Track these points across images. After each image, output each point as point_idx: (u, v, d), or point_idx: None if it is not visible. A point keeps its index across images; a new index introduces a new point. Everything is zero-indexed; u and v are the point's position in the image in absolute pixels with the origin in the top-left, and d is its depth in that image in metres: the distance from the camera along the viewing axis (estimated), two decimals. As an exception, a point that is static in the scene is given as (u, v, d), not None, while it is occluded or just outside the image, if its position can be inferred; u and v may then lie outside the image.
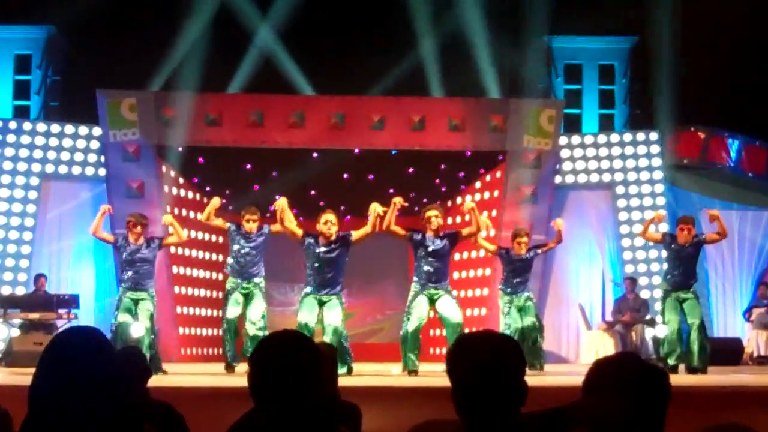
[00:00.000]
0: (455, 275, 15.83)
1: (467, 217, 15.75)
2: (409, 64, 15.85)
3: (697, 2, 16.01)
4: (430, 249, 10.24)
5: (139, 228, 10.81)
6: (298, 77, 15.84)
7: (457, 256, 15.82)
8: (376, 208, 10.14)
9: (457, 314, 10.11)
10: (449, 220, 16.05)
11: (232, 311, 10.66)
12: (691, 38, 16.51)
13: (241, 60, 15.87)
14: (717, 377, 9.98)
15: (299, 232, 10.24)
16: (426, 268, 10.24)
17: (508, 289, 11.76)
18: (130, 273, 10.84)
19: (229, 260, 10.84)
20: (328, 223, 10.14)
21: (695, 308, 10.84)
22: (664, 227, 13.15)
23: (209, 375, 10.15)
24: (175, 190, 15.32)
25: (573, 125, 17.47)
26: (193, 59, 15.24)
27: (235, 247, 10.71)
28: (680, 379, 9.47)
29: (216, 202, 10.98)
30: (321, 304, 10.16)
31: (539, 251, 12.11)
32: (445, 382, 2.84)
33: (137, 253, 10.80)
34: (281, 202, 10.17)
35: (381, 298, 16.89)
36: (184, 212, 15.47)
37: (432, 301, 10.26)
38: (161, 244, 11.12)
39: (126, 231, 10.98)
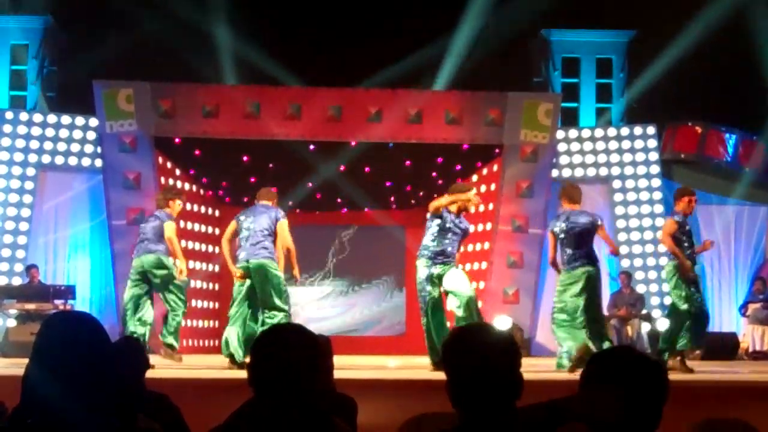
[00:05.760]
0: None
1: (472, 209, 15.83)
2: (403, 57, 15.94)
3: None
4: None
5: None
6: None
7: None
8: None
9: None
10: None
11: None
12: (688, 32, 16.51)
13: (238, 51, 15.89)
14: (713, 372, 9.99)
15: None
16: None
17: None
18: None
19: None
20: None
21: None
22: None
23: (206, 367, 10.16)
24: (171, 182, 15.30)
25: (570, 119, 17.46)
26: (190, 51, 15.25)
27: None
28: (676, 373, 9.48)
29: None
30: None
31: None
32: (440, 374, 2.84)
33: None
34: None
35: (378, 290, 16.91)
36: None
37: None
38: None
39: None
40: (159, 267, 10.19)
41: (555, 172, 15.71)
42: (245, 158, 15.06)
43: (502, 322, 13.77)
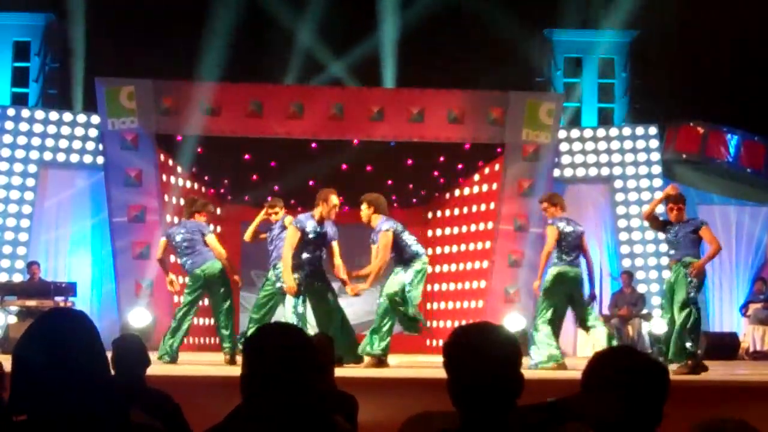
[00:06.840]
0: (453, 267, 15.85)
1: (465, 209, 15.83)
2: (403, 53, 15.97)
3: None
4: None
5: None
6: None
7: (454, 248, 15.84)
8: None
9: None
10: (447, 212, 16.06)
11: None
12: (691, 32, 16.50)
13: (234, 48, 15.90)
14: (713, 372, 9.98)
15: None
16: None
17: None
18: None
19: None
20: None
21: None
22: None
23: (207, 364, 10.16)
24: (173, 180, 15.30)
25: (572, 119, 17.46)
26: (191, 48, 15.25)
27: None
28: (676, 373, 9.47)
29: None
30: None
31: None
32: (441, 373, 2.84)
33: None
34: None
35: (379, 288, 16.87)
36: (182, 201, 15.44)
37: None
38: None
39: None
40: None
41: (557, 172, 15.72)
42: (247, 156, 15.05)
43: (513, 322, 13.79)
